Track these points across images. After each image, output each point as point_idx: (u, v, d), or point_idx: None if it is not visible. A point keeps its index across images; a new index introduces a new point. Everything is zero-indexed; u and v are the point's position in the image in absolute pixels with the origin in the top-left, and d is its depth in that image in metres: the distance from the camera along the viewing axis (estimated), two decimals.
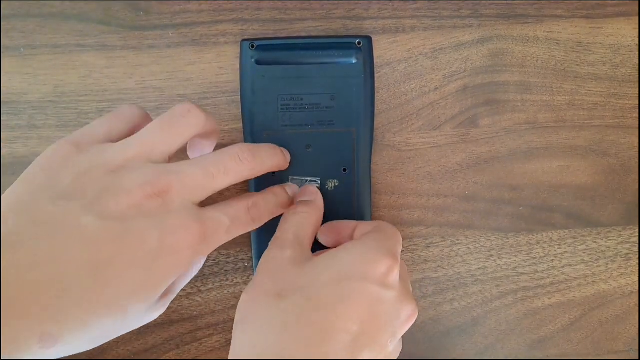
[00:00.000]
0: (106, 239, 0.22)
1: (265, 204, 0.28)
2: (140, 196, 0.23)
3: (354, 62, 0.32)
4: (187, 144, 0.27)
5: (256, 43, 0.31)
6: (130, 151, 0.24)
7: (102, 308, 0.22)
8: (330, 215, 0.31)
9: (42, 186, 0.23)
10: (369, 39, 0.32)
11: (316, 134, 0.32)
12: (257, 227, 0.28)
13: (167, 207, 0.23)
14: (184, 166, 0.24)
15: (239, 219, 0.26)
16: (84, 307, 0.21)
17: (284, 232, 0.28)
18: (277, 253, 0.27)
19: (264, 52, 0.31)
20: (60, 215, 0.22)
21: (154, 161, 0.25)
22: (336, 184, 0.32)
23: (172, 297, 0.27)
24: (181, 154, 0.32)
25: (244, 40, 0.32)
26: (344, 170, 0.32)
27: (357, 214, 0.32)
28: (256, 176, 0.28)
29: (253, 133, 0.32)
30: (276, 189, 0.30)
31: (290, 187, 0.31)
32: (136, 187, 0.23)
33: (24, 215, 0.22)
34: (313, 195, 0.31)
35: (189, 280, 0.28)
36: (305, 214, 0.29)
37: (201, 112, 0.26)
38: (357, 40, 0.32)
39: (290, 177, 0.32)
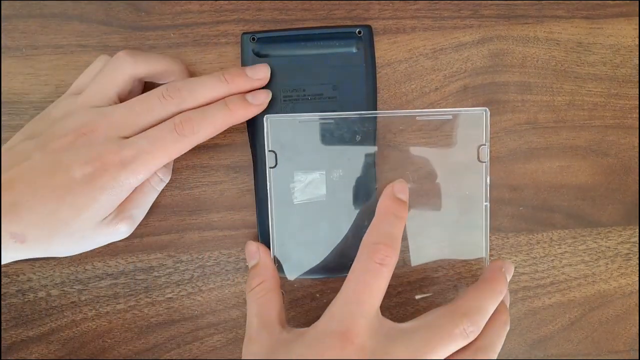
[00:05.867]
0: (44, 169, 0.28)
1: (202, 116, 0.29)
2: (73, 135, 0.28)
3: (354, 51, 0.32)
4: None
5: (257, 36, 0.32)
6: (79, 100, 0.30)
7: (44, 218, 0.27)
8: (335, 204, 0.32)
9: (28, 129, 0.31)
10: (369, 28, 0.32)
11: None
12: (198, 141, 0.29)
13: (91, 142, 0.28)
14: (115, 108, 0.29)
15: (162, 139, 0.28)
16: (33, 216, 0.27)
17: (248, 322, 0.30)
18: (251, 348, 0.28)
19: (265, 44, 0.32)
20: (21, 150, 0.29)
21: (95, 106, 0.30)
22: (340, 173, 0.32)
23: (127, 216, 0.31)
24: None
25: (244, 33, 0.32)
26: (349, 159, 0.32)
27: (364, 202, 0.32)
28: (192, 107, 0.29)
29: (256, 126, 0.32)
30: (231, 99, 0.30)
31: (254, 96, 0.30)
32: (72, 129, 0.29)
33: (7, 152, 0.29)
34: (255, 256, 0.32)
35: (146, 203, 0.32)
36: (262, 296, 0.30)
37: (126, 58, 0.30)
38: (357, 30, 0.32)
39: (295, 170, 0.32)
